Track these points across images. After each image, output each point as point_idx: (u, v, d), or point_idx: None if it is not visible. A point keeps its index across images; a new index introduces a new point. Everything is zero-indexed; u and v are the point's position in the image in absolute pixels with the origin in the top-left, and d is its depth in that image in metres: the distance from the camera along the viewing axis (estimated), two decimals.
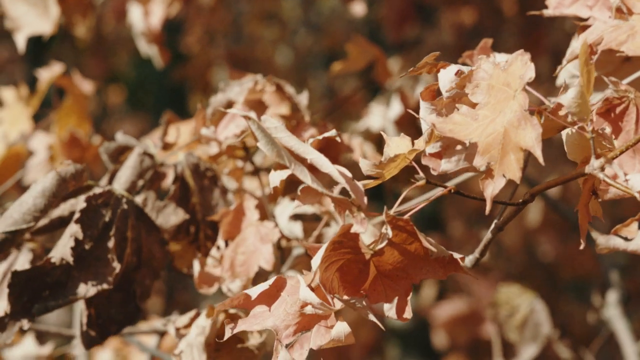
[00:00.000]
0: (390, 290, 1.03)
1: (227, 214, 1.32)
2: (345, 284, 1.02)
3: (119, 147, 1.39)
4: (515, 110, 0.96)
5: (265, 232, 1.31)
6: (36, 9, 1.80)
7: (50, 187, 1.23)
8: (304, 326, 1.04)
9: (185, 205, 1.35)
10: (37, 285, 1.21)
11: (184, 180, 1.35)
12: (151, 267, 1.29)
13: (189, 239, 1.36)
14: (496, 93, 1.00)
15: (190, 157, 1.36)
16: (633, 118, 1.07)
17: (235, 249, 1.31)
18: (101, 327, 1.28)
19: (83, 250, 1.23)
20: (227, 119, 1.37)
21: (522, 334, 2.12)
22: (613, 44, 1.06)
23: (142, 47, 2.15)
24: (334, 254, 1.00)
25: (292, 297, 1.04)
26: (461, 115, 1.00)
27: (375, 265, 1.02)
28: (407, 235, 1.01)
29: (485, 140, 0.97)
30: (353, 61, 1.97)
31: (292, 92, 1.42)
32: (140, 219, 1.28)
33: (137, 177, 1.32)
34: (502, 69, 1.01)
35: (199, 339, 1.26)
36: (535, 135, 0.93)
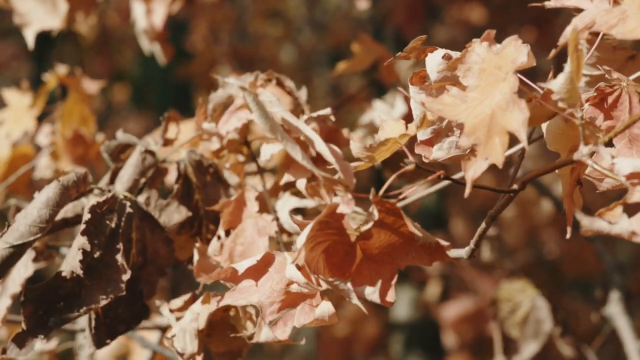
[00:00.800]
0: (375, 274, 1.03)
1: (228, 204, 1.33)
2: (330, 265, 1.02)
3: (120, 145, 1.39)
4: (504, 92, 0.96)
5: (263, 225, 1.32)
6: (44, 4, 1.80)
7: (53, 197, 1.24)
8: (288, 304, 1.04)
9: (188, 202, 1.36)
10: (50, 299, 1.21)
11: (187, 177, 1.36)
12: (157, 265, 1.30)
13: (192, 232, 1.37)
14: (487, 76, 1.00)
15: (192, 154, 1.37)
16: (626, 107, 1.07)
17: (235, 240, 1.32)
18: (109, 327, 1.29)
19: (92, 259, 1.23)
20: (228, 114, 1.37)
21: (524, 331, 2.12)
22: (604, 27, 1.05)
23: (145, 44, 2.15)
24: (320, 234, 1.00)
25: (279, 274, 1.04)
26: (451, 96, 1.00)
27: (362, 249, 1.02)
28: (394, 220, 1.01)
29: (473, 121, 0.96)
30: (358, 60, 1.98)
31: (292, 87, 1.43)
32: (144, 219, 1.29)
33: (140, 176, 1.33)
34: (495, 53, 1.01)
35: (193, 324, 1.26)
36: (522, 119, 0.93)
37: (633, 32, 1.02)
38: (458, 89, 1.00)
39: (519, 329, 2.13)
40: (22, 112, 1.84)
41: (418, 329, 4.14)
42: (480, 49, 1.03)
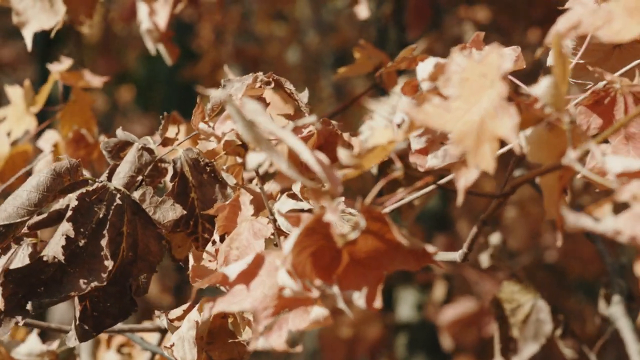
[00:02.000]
0: (362, 278, 1.02)
1: (223, 208, 1.33)
2: (317, 269, 1.01)
3: (119, 143, 1.40)
4: (492, 99, 0.95)
5: (259, 228, 1.32)
6: (42, 4, 1.80)
7: (44, 182, 1.24)
8: (282, 308, 1.04)
9: (184, 201, 1.36)
10: (31, 282, 1.22)
11: (183, 176, 1.36)
12: (147, 261, 1.30)
13: (188, 231, 1.37)
14: (470, 85, 0.99)
15: (189, 153, 1.37)
16: (622, 108, 1.06)
17: (230, 244, 1.32)
18: (96, 320, 1.29)
19: (77, 247, 1.23)
20: (225, 114, 1.38)
21: (524, 332, 2.12)
22: (590, 28, 1.04)
23: (150, 45, 2.16)
24: (307, 239, 1.00)
25: (270, 278, 1.04)
26: (433, 106, 0.99)
27: (349, 253, 1.02)
28: (381, 226, 1.01)
29: (460, 129, 0.96)
30: (359, 66, 1.98)
31: (292, 89, 1.43)
32: (136, 214, 1.29)
33: (136, 172, 1.33)
34: (477, 61, 1.00)
35: (191, 332, 1.27)
36: (511, 125, 0.92)
37: (618, 34, 1.01)
38: (440, 99, 1.00)
39: (519, 330, 2.13)
40: (24, 110, 1.84)
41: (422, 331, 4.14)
42: (459, 59, 1.02)
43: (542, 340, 2.11)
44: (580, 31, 1.05)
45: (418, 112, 0.99)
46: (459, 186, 0.96)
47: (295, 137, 1.02)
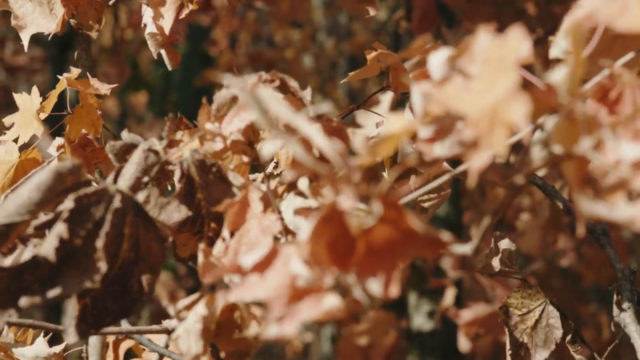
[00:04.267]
0: (378, 266, 1.01)
1: (233, 205, 1.33)
2: (333, 258, 1.01)
3: (125, 145, 1.39)
4: (507, 85, 0.95)
5: (267, 225, 1.32)
6: (42, 8, 1.81)
7: (45, 181, 1.24)
8: (295, 298, 1.04)
9: (190, 201, 1.36)
10: (25, 279, 1.22)
11: (189, 177, 1.36)
12: (149, 262, 1.30)
13: (194, 231, 1.38)
14: (491, 67, 0.99)
15: (195, 154, 1.37)
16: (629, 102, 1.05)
17: (239, 240, 1.32)
18: (96, 318, 1.29)
19: (72, 247, 1.23)
20: (231, 114, 1.38)
21: (534, 338, 2.11)
22: (604, 18, 1.03)
23: (153, 49, 2.16)
24: (323, 228, 1.00)
25: (284, 268, 1.04)
26: (455, 86, 0.99)
27: (364, 241, 1.01)
28: (397, 213, 1.00)
29: (475, 112, 0.96)
30: (369, 68, 1.98)
31: (297, 87, 1.42)
32: (139, 216, 1.29)
33: (142, 174, 1.33)
34: (499, 45, 0.99)
35: (197, 325, 1.27)
36: (523, 112, 0.92)
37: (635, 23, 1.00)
38: (462, 79, 1.00)
39: (529, 336, 2.13)
40: (31, 116, 1.85)
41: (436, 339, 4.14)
42: (484, 40, 1.02)
43: (552, 347, 2.11)
44: (595, 21, 1.04)
45: (438, 92, 0.99)
46: (471, 168, 0.96)
47: (309, 123, 1.02)
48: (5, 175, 1.87)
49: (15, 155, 1.87)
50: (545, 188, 2.17)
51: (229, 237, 1.34)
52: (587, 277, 4.38)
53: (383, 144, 1.03)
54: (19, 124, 1.86)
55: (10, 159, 1.88)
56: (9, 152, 1.88)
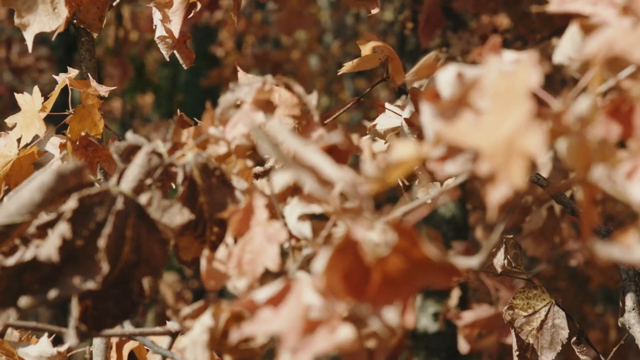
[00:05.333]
0: (394, 295, 1.01)
1: (237, 212, 1.33)
2: (349, 288, 1.01)
3: (129, 146, 1.39)
4: (520, 115, 0.94)
5: (273, 232, 1.31)
6: (45, 6, 1.81)
7: (48, 182, 1.24)
8: (309, 330, 1.03)
9: (192, 205, 1.35)
10: (26, 279, 1.22)
11: (192, 180, 1.35)
12: (151, 265, 1.30)
13: (196, 234, 1.37)
14: (501, 99, 0.98)
15: (198, 157, 1.37)
16: None
17: (244, 247, 1.31)
18: (96, 320, 1.29)
19: (73, 248, 1.23)
20: (235, 118, 1.37)
21: (540, 339, 2.11)
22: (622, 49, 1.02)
23: (164, 51, 2.16)
24: (337, 259, 0.99)
25: (297, 300, 1.04)
26: (466, 123, 0.99)
27: (379, 271, 1.01)
28: (411, 241, 1.00)
29: (490, 146, 0.95)
30: (365, 60, 1.97)
31: (301, 92, 1.42)
32: (141, 218, 1.29)
33: (145, 176, 1.32)
34: (508, 76, 0.99)
35: (203, 336, 1.26)
36: (539, 142, 0.92)
37: None
38: (473, 114, 0.99)
39: (535, 337, 2.12)
40: (34, 116, 1.85)
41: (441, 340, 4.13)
42: (492, 73, 1.01)
43: (558, 348, 2.10)
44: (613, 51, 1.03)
45: (450, 130, 0.98)
46: (490, 202, 0.94)
47: (319, 153, 1.02)
48: (2, 168, 1.88)
49: (14, 151, 1.88)
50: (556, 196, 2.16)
51: (232, 243, 1.33)
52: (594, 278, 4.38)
53: (394, 170, 1.03)
54: (21, 124, 1.86)
55: (9, 153, 1.88)
56: (9, 147, 1.89)
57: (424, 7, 3.47)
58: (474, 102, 1.00)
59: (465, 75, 1.04)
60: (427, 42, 3.42)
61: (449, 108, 1.02)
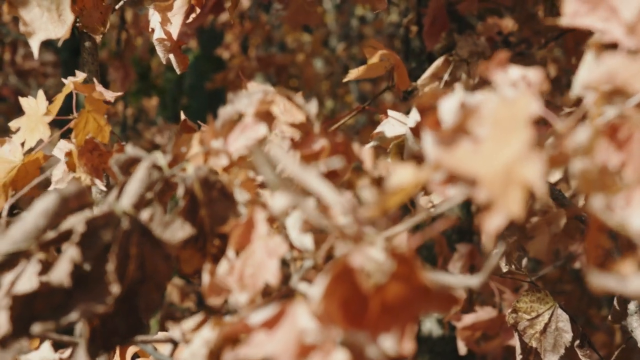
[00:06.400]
0: (392, 323, 1.00)
1: (238, 226, 1.33)
2: (346, 315, 1.00)
3: (129, 159, 1.39)
4: (519, 144, 0.94)
5: (273, 247, 1.31)
6: (50, 14, 1.81)
7: (52, 207, 1.24)
8: (302, 355, 1.03)
9: (193, 218, 1.35)
10: (37, 306, 1.22)
11: (193, 193, 1.35)
12: (155, 280, 1.30)
13: (196, 248, 1.37)
14: (501, 127, 0.98)
15: (199, 170, 1.36)
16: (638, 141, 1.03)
17: (245, 261, 1.31)
18: (105, 339, 1.29)
19: (83, 272, 1.23)
20: (237, 131, 1.37)
21: (543, 342, 2.11)
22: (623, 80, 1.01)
23: (161, 54, 2.16)
24: (335, 286, 0.99)
25: (293, 324, 1.03)
26: (464, 150, 0.98)
27: (377, 298, 1.00)
28: (409, 269, 0.99)
29: (488, 174, 0.95)
30: (372, 68, 1.98)
31: (302, 103, 1.42)
32: (145, 235, 1.29)
33: (145, 190, 1.33)
34: (508, 104, 0.99)
35: (202, 350, 1.26)
36: (538, 171, 0.92)
37: None
38: (471, 142, 0.99)
39: (538, 340, 2.12)
40: (38, 120, 1.86)
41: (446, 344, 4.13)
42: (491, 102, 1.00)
43: (561, 351, 2.10)
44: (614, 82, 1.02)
45: (448, 157, 0.98)
46: (486, 231, 0.94)
47: (319, 179, 1.02)
48: (7, 173, 1.88)
49: (19, 157, 1.88)
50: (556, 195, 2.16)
51: (234, 257, 1.33)
52: None
53: (392, 196, 1.02)
54: (25, 128, 1.86)
55: (13, 159, 1.88)
56: (13, 152, 1.89)
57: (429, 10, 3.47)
58: (474, 130, 1.00)
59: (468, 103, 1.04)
60: (432, 45, 3.41)
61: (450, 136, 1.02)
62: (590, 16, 1.11)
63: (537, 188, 0.91)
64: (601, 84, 1.03)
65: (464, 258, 3.61)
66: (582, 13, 1.11)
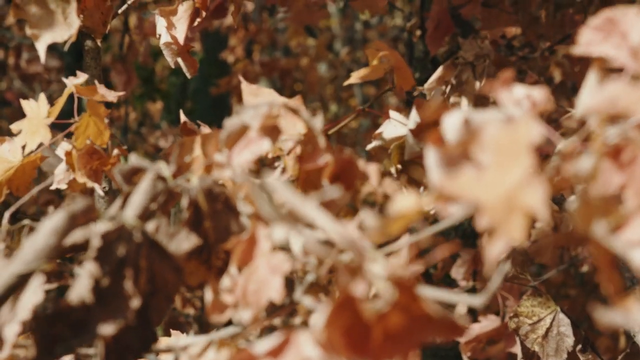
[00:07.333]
0: (395, 351, 1.00)
1: (240, 243, 1.32)
2: (349, 343, 1.00)
3: (132, 169, 1.39)
4: (521, 170, 0.94)
5: (276, 264, 1.30)
6: (56, 17, 1.81)
7: (62, 226, 1.23)
8: None
9: (197, 230, 1.35)
10: (58, 327, 1.21)
11: (197, 204, 1.35)
12: (165, 292, 1.29)
13: (201, 260, 1.37)
14: (503, 153, 0.98)
15: (203, 182, 1.36)
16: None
17: (248, 278, 1.30)
18: (120, 355, 1.28)
19: (101, 287, 1.23)
20: (241, 144, 1.37)
21: (545, 347, 2.11)
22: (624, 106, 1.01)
23: (169, 58, 2.16)
24: (337, 315, 0.99)
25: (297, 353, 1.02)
26: (466, 177, 0.98)
27: (380, 327, 1.00)
28: (411, 297, 0.99)
29: (490, 200, 0.94)
30: (373, 70, 1.97)
31: (307, 117, 1.41)
32: (153, 247, 1.28)
33: (150, 201, 1.32)
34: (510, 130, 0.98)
35: None
36: (540, 197, 0.91)
37: None
38: (474, 168, 0.98)
39: (540, 345, 2.12)
40: (39, 123, 1.86)
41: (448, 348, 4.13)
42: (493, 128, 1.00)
43: (563, 355, 2.10)
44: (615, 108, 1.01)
45: (452, 184, 0.97)
46: (488, 257, 0.94)
47: (319, 212, 1.02)
48: (4, 173, 1.88)
49: (18, 157, 1.88)
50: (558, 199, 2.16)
51: (237, 274, 1.33)
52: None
53: (394, 223, 1.02)
54: (26, 131, 1.86)
55: (12, 159, 1.89)
56: (12, 153, 1.89)
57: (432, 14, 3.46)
58: (476, 155, 0.99)
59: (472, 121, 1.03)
60: (435, 49, 3.40)
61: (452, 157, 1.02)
62: (604, 44, 1.10)
63: (540, 214, 0.91)
64: (603, 109, 1.02)
65: (467, 264, 3.59)
66: (596, 42, 1.11)
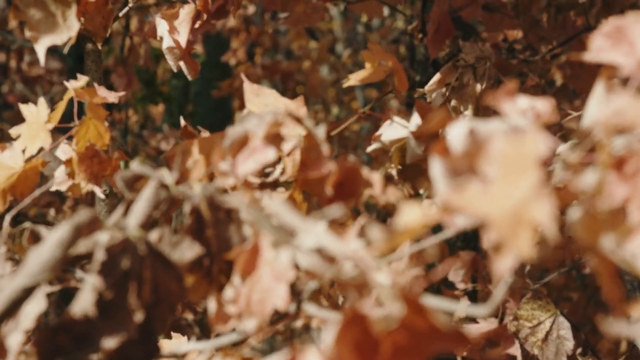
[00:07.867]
0: None
1: (243, 253, 1.32)
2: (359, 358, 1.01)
3: (135, 176, 1.39)
4: (528, 185, 0.93)
5: (280, 272, 1.30)
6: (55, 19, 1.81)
7: (67, 238, 1.23)
8: None
9: (199, 238, 1.34)
10: (61, 339, 1.21)
11: (199, 213, 1.35)
12: (169, 302, 1.28)
13: (203, 271, 1.36)
14: (509, 167, 0.97)
15: (206, 190, 1.36)
16: None
17: (252, 287, 1.30)
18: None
19: (104, 300, 1.22)
20: (245, 153, 1.36)
21: (545, 351, 2.11)
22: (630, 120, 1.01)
23: (171, 62, 2.17)
24: (346, 332, 0.98)
25: None
26: (472, 191, 0.97)
27: (389, 341, 1.00)
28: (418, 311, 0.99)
29: (497, 215, 0.94)
30: (370, 72, 1.97)
31: (310, 126, 1.41)
32: (156, 257, 1.28)
33: (152, 209, 1.32)
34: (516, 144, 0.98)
35: None
36: (547, 212, 0.91)
37: None
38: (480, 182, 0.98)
39: (540, 349, 2.12)
40: (39, 127, 1.86)
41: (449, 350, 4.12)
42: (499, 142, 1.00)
43: (563, 359, 2.10)
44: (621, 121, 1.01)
45: (458, 199, 0.97)
46: (496, 272, 0.94)
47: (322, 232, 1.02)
48: (7, 179, 1.88)
49: (19, 164, 1.87)
50: None
51: (240, 284, 1.32)
52: None
53: (400, 237, 1.02)
54: (25, 136, 1.86)
55: (14, 166, 1.88)
56: (13, 159, 1.88)
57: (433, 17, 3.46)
58: (482, 167, 0.99)
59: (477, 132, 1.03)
60: (436, 52, 3.40)
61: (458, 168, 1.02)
62: (613, 52, 1.10)
63: (547, 229, 0.91)
64: (610, 121, 1.02)
65: (466, 266, 3.59)
66: (606, 48, 1.11)
